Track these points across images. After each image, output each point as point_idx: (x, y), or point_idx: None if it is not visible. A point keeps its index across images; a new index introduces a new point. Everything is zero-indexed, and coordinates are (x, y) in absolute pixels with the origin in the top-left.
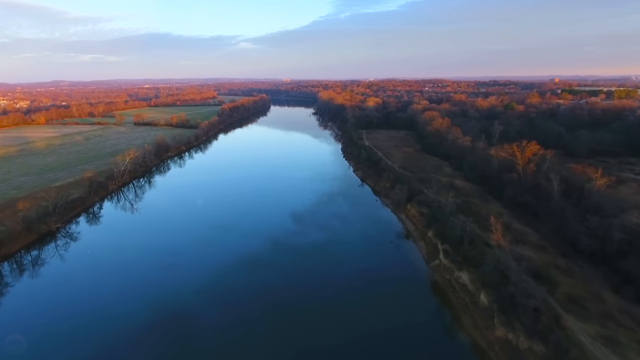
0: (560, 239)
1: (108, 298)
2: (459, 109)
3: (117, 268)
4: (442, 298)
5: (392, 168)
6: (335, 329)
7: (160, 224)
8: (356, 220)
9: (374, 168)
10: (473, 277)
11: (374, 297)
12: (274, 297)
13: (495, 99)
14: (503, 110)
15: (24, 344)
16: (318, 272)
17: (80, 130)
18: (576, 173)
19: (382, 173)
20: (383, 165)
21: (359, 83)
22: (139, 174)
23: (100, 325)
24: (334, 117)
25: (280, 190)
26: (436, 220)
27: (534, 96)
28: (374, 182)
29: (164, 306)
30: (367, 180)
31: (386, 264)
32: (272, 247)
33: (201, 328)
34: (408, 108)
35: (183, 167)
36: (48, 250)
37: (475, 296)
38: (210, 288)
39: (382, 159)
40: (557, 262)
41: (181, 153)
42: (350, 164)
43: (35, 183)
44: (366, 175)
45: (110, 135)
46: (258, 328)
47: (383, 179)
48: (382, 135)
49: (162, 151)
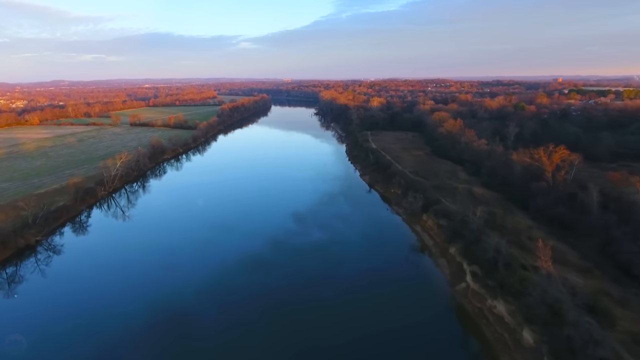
0: (607, 260)
1: (108, 298)
2: (467, 109)
3: (117, 269)
4: (473, 329)
5: (403, 173)
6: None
7: (158, 225)
8: (366, 230)
9: (382, 173)
10: (512, 309)
11: (393, 321)
12: (275, 298)
13: (503, 99)
14: (513, 110)
15: (24, 344)
16: (322, 277)
17: (74, 132)
18: (612, 181)
19: (392, 178)
20: (393, 170)
21: (360, 83)
22: (132, 179)
23: (100, 325)
24: (336, 117)
25: (283, 192)
26: (460, 236)
27: (542, 96)
28: (384, 188)
29: (165, 306)
30: (375, 186)
31: (403, 284)
32: (281, 260)
33: (202, 328)
34: (414, 108)
35: (180, 170)
36: (28, 265)
37: (517, 332)
38: (210, 288)
39: (392, 163)
40: (607, 289)
41: (178, 155)
42: (357, 167)
43: (18, 190)
44: (374, 180)
45: (104, 137)
46: (259, 328)
47: (393, 185)
48: (389, 137)
49: (157, 154)
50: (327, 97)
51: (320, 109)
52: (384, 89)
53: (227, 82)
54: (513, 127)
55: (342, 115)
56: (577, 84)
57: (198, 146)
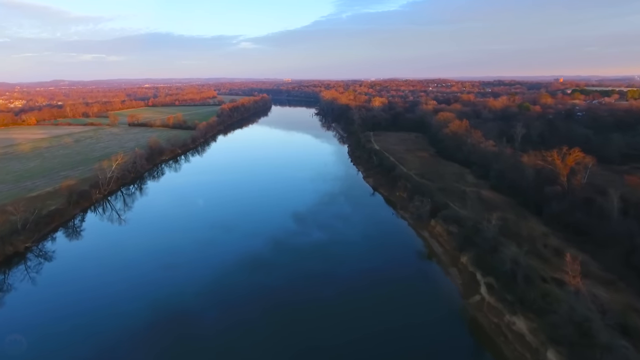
0: (631, 271)
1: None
2: (470, 109)
3: (116, 269)
4: (489, 345)
5: (408, 176)
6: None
7: (157, 226)
8: (370, 233)
9: (387, 175)
10: (534, 327)
11: (402, 332)
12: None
13: (506, 99)
14: (518, 111)
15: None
16: (324, 277)
17: (71, 132)
18: (631, 185)
19: (397, 181)
20: (398, 172)
21: (361, 83)
22: (129, 181)
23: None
24: (338, 117)
25: (284, 192)
26: (472, 244)
27: (546, 96)
28: (388, 191)
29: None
30: (379, 189)
31: (411, 292)
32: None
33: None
34: (416, 108)
35: (178, 171)
36: (20, 269)
37: (540, 353)
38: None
39: (396, 165)
40: (634, 303)
41: (176, 156)
42: (360, 169)
43: (10, 193)
44: (378, 183)
45: (102, 137)
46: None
47: (398, 188)
48: (392, 137)
49: (155, 155)
50: (328, 97)
51: (321, 109)
52: (385, 89)
53: (227, 82)
54: (520, 128)
55: (343, 116)
56: (579, 84)
57: (197, 147)
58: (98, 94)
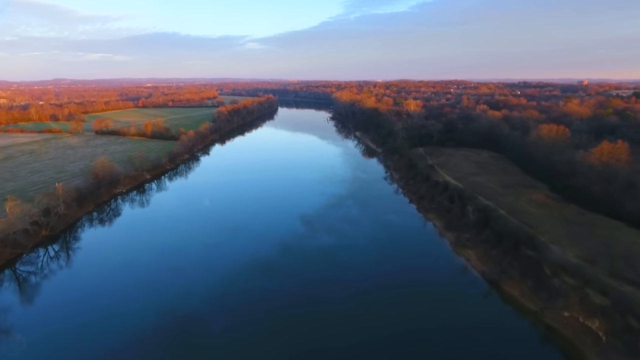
0: None
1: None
2: (546, 116)
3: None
4: None
5: (567, 267)
6: None
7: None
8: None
9: (502, 249)
10: None
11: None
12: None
13: (579, 103)
14: (619, 120)
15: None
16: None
17: (13, 142)
18: None
19: (539, 270)
20: (545, 256)
21: (375, 84)
22: (28, 249)
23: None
24: (362, 124)
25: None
26: None
27: (616, 100)
28: (522, 293)
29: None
30: (503, 285)
31: None
32: None
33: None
34: (472, 115)
35: (136, 213)
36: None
37: None
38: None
39: (531, 234)
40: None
41: (143, 184)
42: (428, 217)
43: None
44: (493, 268)
45: (48, 152)
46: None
47: (550, 290)
48: (455, 157)
49: (101, 189)
50: (345, 98)
51: (336, 112)
52: (403, 89)
53: (230, 82)
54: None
55: (371, 123)
56: (606, 87)
57: (177, 167)
58: (89, 93)
